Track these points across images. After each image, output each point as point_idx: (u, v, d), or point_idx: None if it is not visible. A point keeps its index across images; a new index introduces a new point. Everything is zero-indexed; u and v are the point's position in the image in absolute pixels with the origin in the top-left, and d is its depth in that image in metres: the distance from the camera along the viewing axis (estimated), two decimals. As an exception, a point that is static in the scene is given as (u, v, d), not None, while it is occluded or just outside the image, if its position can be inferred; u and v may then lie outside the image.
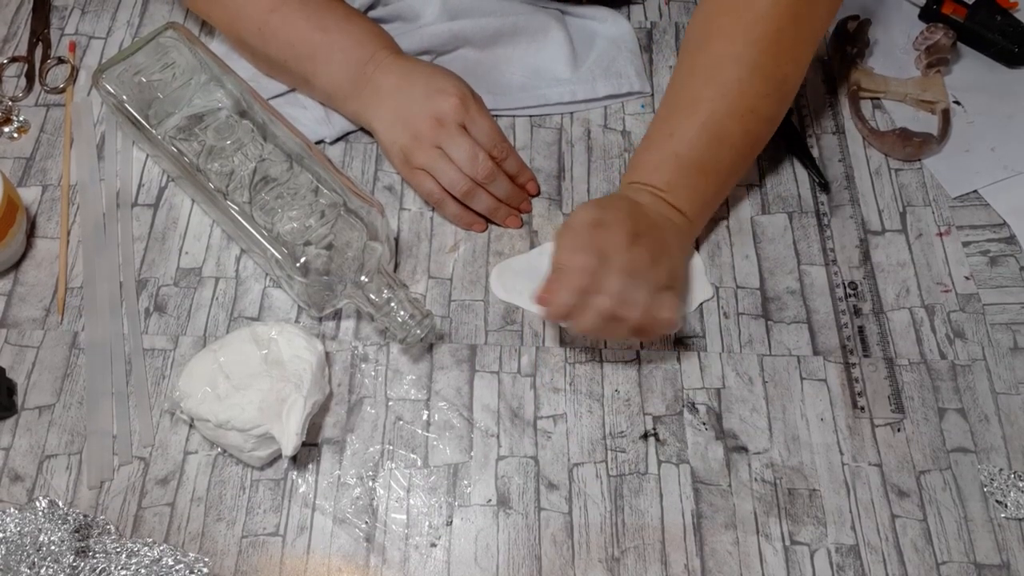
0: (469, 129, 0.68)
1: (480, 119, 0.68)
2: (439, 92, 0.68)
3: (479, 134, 0.68)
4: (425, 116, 0.67)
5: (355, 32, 0.71)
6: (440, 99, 0.67)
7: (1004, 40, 0.77)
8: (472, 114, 0.68)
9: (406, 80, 0.69)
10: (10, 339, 0.66)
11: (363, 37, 0.71)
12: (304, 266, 0.60)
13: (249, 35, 0.72)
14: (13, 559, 0.53)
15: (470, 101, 0.68)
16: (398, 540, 0.58)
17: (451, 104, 0.67)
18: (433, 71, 0.70)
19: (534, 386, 0.64)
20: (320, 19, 0.70)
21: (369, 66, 0.70)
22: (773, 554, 0.57)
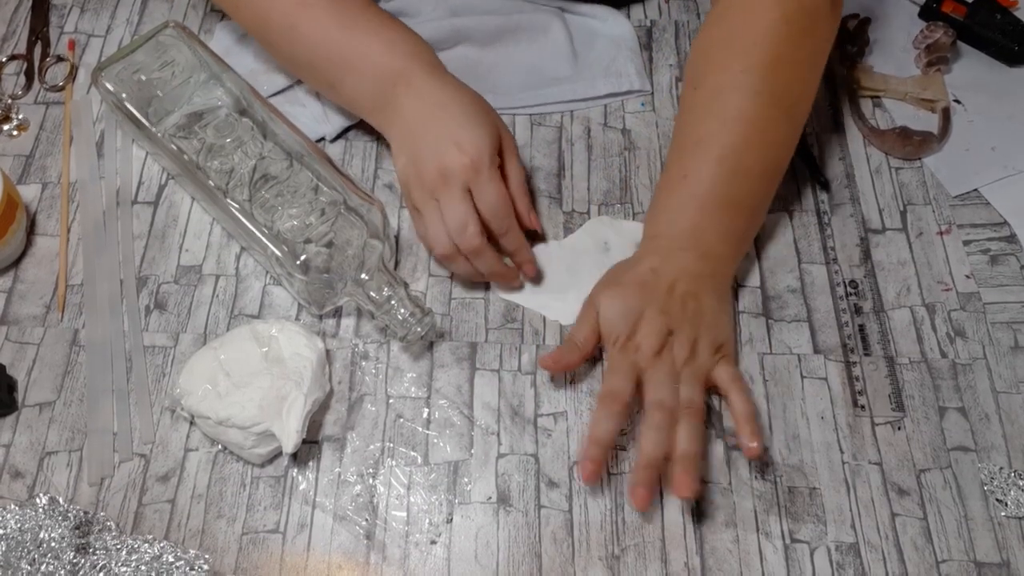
0: (474, 193, 0.62)
1: (488, 187, 0.62)
2: (454, 145, 0.61)
3: (482, 202, 0.62)
4: (432, 165, 0.62)
5: (387, 39, 0.65)
6: (452, 153, 0.61)
7: (1004, 39, 0.77)
8: (481, 179, 0.61)
9: (429, 115, 0.63)
10: (10, 336, 0.66)
11: (396, 46, 0.65)
12: (304, 264, 0.60)
13: (276, 32, 0.68)
14: (13, 556, 0.53)
15: (484, 164, 0.61)
16: (398, 537, 0.58)
17: (460, 164, 0.61)
18: (460, 112, 0.63)
19: (534, 384, 0.64)
20: (351, 21, 0.66)
21: (399, 84, 0.64)
22: (773, 552, 0.57)
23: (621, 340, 0.60)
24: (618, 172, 0.74)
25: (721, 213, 0.63)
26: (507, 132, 0.66)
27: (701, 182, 0.63)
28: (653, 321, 0.60)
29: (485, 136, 0.62)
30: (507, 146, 0.65)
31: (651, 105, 0.77)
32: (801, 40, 0.63)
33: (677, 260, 0.62)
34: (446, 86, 0.64)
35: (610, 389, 0.59)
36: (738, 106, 0.62)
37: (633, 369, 0.59)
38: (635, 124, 0.76)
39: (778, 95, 0.63)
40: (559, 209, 0.71)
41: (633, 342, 0.60)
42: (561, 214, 0.71)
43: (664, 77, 0.79)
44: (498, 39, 0.79)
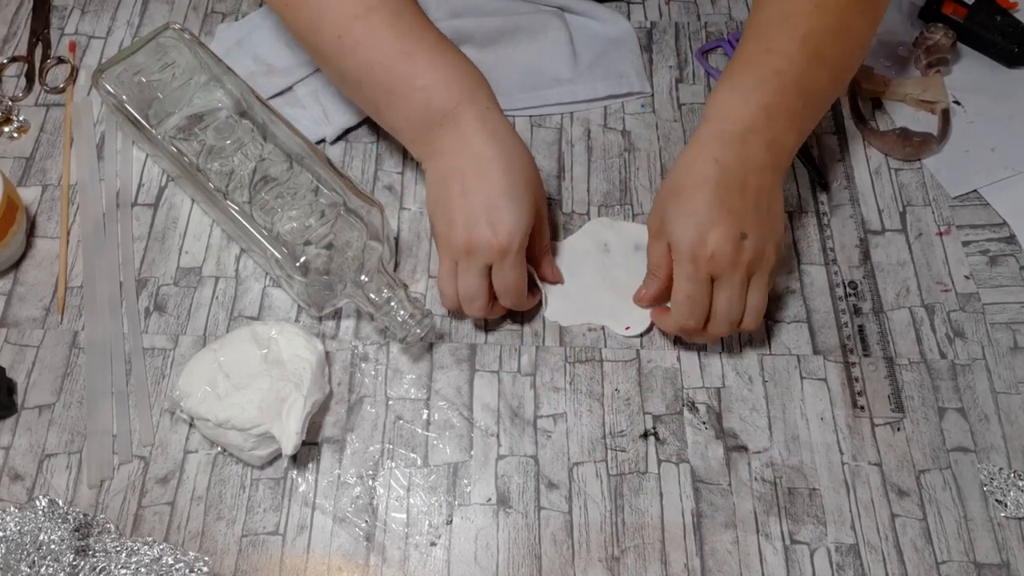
0: (493, 273, 0.61)
1: (509, 272, 0.60)
2: (488, 223, 0.59)
3: (498, 282, 0.61)
4: (462, 234, 0.60)
5: (444, 72, 0.62)
6: (483, 231, 0.59)
7: (1004, 40, 0.77)
8: (505, 264, 0.60)
9: (471, 173, 0.60)
10: (10, 338, 0.66)
11: (451, 81, 0.62)
12: (304, 265, 0.60)
13: (325, 42, 0.63)
14: (13, 558, 0.53)
15: (512, 250, 0.59)
16: (398, 539, 0.58)
17: (487, 244, 0.59)
18: (502, 179, 0.60)
19: (534, 385, 0.64)
20: (409, 43, 0.62)
21: (446, 123, 0.61)
22: (773, 553, 0.57)
23: (693, 250, 0.57)
24: (618, 174, 0.74)
25: (796, 97, 0.60)
26: (542, 193, 0.64)
27: (785, 57, 0.59)
28: (727, 226, 0.57)
29: (521, 216, 0.60)
30: (541, 212, 0.63)
31: (651, 107, 0.77)
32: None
33: (744, 149, 0.58)
34: (494, 137, 0.61)
35: (688, 296, 0.59)
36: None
37: (709, 279, 0.58)
38: (635, 126, 0.76)
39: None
40: (559, 211, 0.72)
41: (706, 249, 0.57)
42: (561, 215, 0.71)
43: (664, 79, 0.79)
44: (498, 40, 0.79)
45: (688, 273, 0.58)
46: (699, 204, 0.58)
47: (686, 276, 0.59)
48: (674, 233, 0.58)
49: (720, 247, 0.57)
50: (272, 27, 0.79)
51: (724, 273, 0.58)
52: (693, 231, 0.57)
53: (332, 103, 0.75)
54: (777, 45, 0.60)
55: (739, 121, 0.59)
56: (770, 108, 0.59)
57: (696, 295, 0.59)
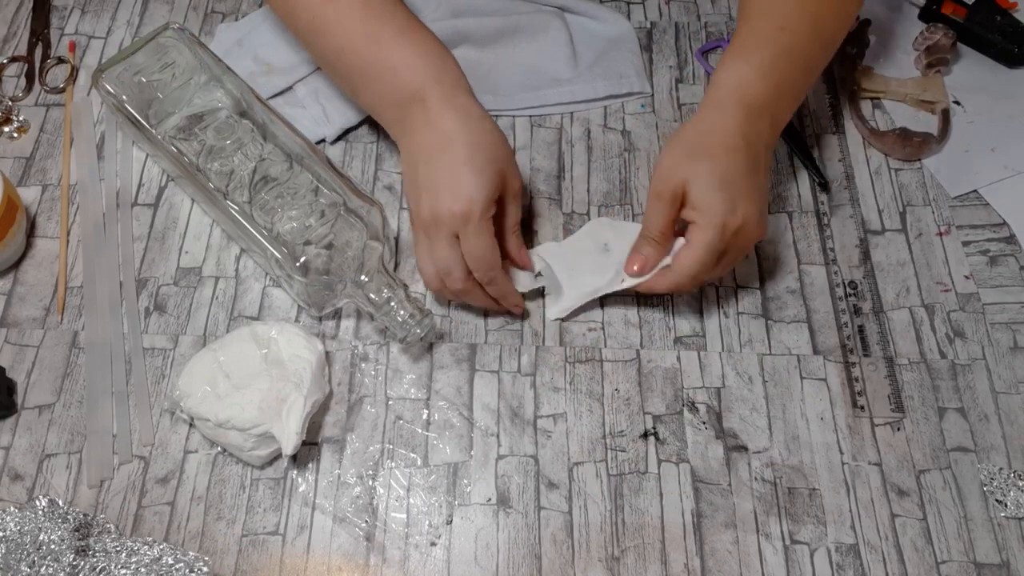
0: (461, 242, 0.60)
1: (474, 239, 0.59)
2: (449, 191, 0.59)
3: (467, 253, 0.60)
4: (427, 206, 0.60)
5: (409, 53, 0.62)
6: (444, 199, 0.59)
7: (1004, 40, 0.77)
8: (469, 230, 0.59)
9: (435, 148, 0.60)
10: (10, 338, 0.66)
11: (418, 60, 0.62)
12: (304, 265, 0.60)
13: (301, 26, 0.66)
14: (13, 558, 0.53)
15: (474, 216, 0.59)
16: (398, 539, 0.58)
17: (449, 212, 0.59)
18: (465, 152, 0.60)
19: (534, 385, 0.64)
20: (376, 25, 0.63)
21: (414, 103, 0.61)
22: (773, 553, 0.57)
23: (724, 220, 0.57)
24: (618, 173, 0.74)
25: (801, 78, 0.62)
26: (512, 169, 0.63)
27: (795, 37, 0.60)
28: (754, 202, 0.58)
29: (483, 184, 0.59)
30: (509, 187, 0.62)
31: (651, 107, 0.77)
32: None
33: (760, 126, 0.59)
34: (459, 114, 0.61)
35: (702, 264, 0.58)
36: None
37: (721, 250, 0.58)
38: (635, 125, 0.76)
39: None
40: (559, 210, 0.72)
41: (736, 221, 0.57)
42: (561, 215, 0.71)
43: (664, 79, 0.79)
44: (499, 40, 0.79)
45: (710, 242, 0.57)
46: (733, 174, 0.58)
47: (706, 245, 0.57)
48: (701, 195, 0.57)
49: (748, 221, 0.58)
50: (272, 27, 0.79)
51: (738, 245, 0.58)
52: (727, 200, 0.57)
53: (332, 103, 0.75)
54: (789, 24, 0.61)
55: (757, 97, 0.60)
56: (781, 87, 0.60)
57: (709, 264, 0.58)
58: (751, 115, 0.59)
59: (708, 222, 0.57)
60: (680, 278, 0.60)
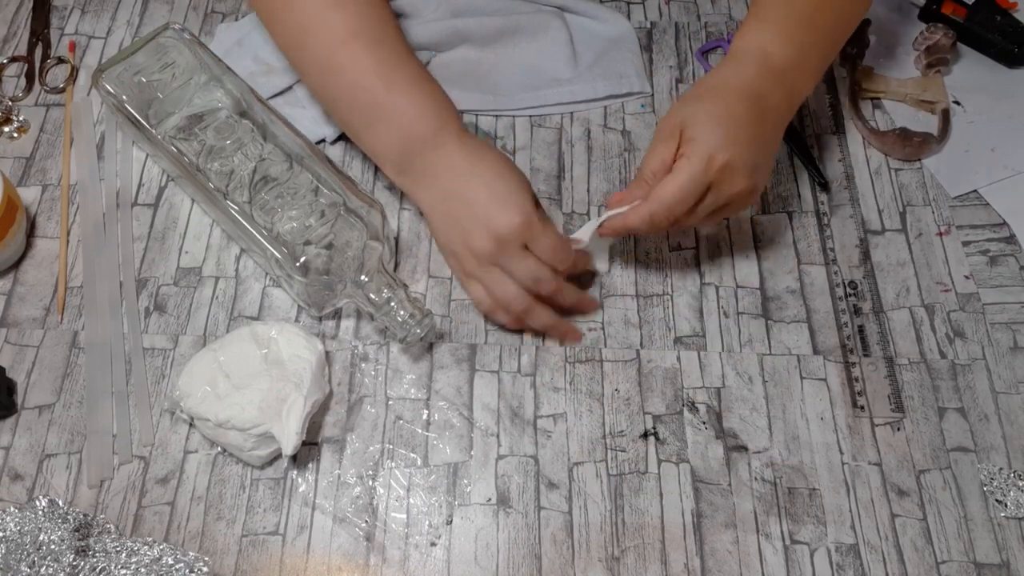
0: (531, 247, 0.61)
1: (544, 237, 0.60)
2: (501, 205, 0.60)
3: (543, 252, 0.61)
4: (484, 232, 0.60)
5: (421, 101, 0.63)
6: (502, 215, 0.60)
7: (1004, 40, 0.77)
8: (536, 232, 0.60)
9: (466, 180, 0.61)
10: (10, 338, 0.66)
11: (428, 109, 0.63)
12: (304, 265, 0.60)
13: (310, 62, 0.65)
14: (13, 558, 0.53)
15: (534, 219, 0.60)
16: (398, 539, 0.58)
17: (513, 224, 0.59)
18: (495, 175, 0.61)
19: (534, 385, 0.64)
20: (389, 71, 0.63)
21: (427, 147, 0.62)
22: (773, 553, 0.57)
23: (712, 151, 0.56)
24: (618, 173, 0.74)
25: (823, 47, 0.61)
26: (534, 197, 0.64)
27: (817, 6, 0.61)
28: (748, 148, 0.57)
29: (525, 192, 0.61)
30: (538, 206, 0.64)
31: (651, 107, 0.77)
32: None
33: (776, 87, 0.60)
34: (476, 150, 0.63)
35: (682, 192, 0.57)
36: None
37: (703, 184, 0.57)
38: (635, 125, 0.76)
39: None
40: (559, 210, 0.72)
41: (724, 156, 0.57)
42: (561, 215, 0.71)
43: (664, 79, 0.79)
44: (498, 40, 0.79)
45: (694, 171, 0.57)
46: (733, 116, 0.58)
47: (688, 172, 0.57)
48: (696, 129, 0.57)
49: (737, 163, 0.57)
50: (272, 27, 0.79)
51: (722, 187, 0.58)
52: (720, 136, 0.57)
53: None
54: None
55: (778, 59, 0.60)
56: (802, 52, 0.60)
57: (689, 195, 0.57)
58: (768, 74, 0.59)
59: (694, 151, 0.57)
60: (656, 205, 0.58)
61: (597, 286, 0.68)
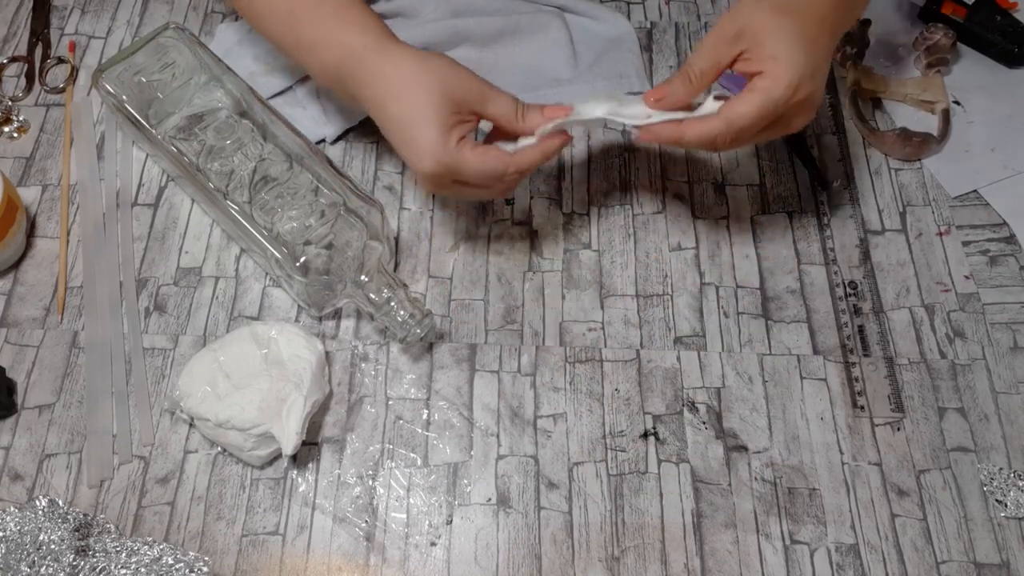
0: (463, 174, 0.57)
1: (468, 171, 0.57)
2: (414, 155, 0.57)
3: (474, 183, 0.58)
4: (412, 168, 0.58)
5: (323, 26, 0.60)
6: (416, 163, 0.57)
7: (1004, 40, 0.77)
8: (456, 168, 0.56)
9: (378, 117, 0.59)
10: (10, 338, 0.66)
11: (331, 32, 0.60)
12: (304, 265, 0.60)
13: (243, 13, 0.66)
14: (13, 558, 0.53)
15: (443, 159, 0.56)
16: (398, 539, 0.58)
17: (426, 172, 0.57)
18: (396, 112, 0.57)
19: (534, 385, 0.64)
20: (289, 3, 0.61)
21: (347, 81, 0.60)
22: (773, 553, 0.57)
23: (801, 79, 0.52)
24: (618, 174, 0.73)
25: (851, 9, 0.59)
26: (466, 76, 0.58)
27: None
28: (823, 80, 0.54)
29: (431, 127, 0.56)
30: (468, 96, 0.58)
31: (651, 106, 0.77)
32: None
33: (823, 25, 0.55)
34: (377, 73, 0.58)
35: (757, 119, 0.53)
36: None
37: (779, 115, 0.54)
38: (635, 125, 0.76)
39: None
40: (559, 210, 0.71)
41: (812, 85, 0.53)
42: (561, 215, 0.71)
43: (664, 79, 0.79)
44: (498, 40, 0.79)
45: (777, 97, 0.52)
46: (816, 44, 0.53)
47: (772, 99, 0.52)
48: (782, 47, 0.52)
49: (814, 96, 0.54)
50: (272, 27, 0.79)
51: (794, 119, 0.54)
52: (809, 63, 0.52)
53: (332, 103, 0.75)
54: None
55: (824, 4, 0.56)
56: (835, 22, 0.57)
57: (763, 120, 0.53)
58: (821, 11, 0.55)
59: (784, 73, 0.52)
60: (725, 124, 0.53)
61: (597, 286, 0.68)
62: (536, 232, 0.70)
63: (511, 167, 0.58)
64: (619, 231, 0.70)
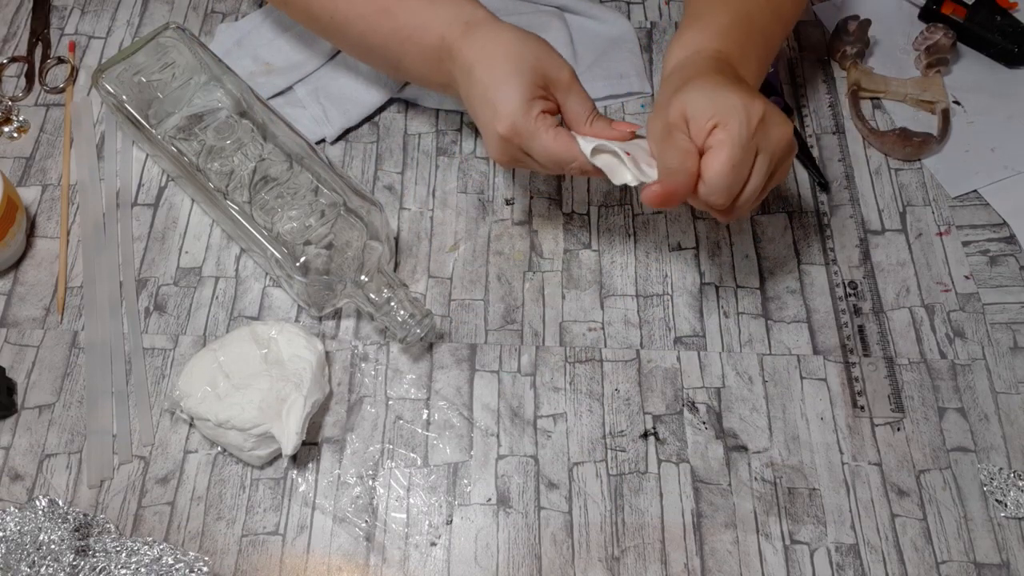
0: (528, 152, 0.59)
1: (535, 144, 0.57)
2: (491, 116, 0.58)
3: (538, 158, 0.59)
4: (490, 140, 0.59)
5: (422, 11, 0.61)
6: (491, 127, 0.58)
7: (1004, 40, 0.77)
8: (524, 139, 0.57)
9: (465, 87, 0.60)
10: (10, 338, 0.66)
11: (429, 17, 0.61)
12: (304, 265, 0.60)
13: (324, 26, 0.66)
14: (13, 558, 0.53)
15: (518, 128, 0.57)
16: (398, 539, 0.58)
17: (499, 135, 0.58)
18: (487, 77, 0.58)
19: (534, 385, 0.64)
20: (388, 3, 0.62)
21: (445, 60, 0.61)
22: (773, 553, 0.57)
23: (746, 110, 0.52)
24: (618, 173, 0.73)
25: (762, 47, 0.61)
26: (550, 62, 0.59)
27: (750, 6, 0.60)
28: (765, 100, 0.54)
29: (512, 93, 0.57)
30: (553, 79, 0.59)
31: (651, 107, 0.77)
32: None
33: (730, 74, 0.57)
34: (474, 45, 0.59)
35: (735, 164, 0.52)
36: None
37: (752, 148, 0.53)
38: (635, 125, 0.76)
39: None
40: (559, 210, 0.71)
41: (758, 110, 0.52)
42: (561, 215, 0.71)
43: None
44: (498, 41, 0.79)
45: (737, 137, 0.51)
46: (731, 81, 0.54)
47: (734, 141, 0.51)
48: (717, 100, 0.52)
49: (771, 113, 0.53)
50: (272, 27, 0.79)
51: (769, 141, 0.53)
52: (742, 96, 0.52)
53: (332, 103, 0.75)
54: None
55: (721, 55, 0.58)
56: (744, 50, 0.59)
57: (742, 164, 0.52)
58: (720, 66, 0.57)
59: (726, 119, 0.52)
60: (712, 187, 0.53)
61: (597, 286, 0.68)
62: (536, 232, 0.70)
63: (576, 162, 0.58)
64: (619, 231, 0.70)
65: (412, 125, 0.76)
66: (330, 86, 0.76)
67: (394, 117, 0.76)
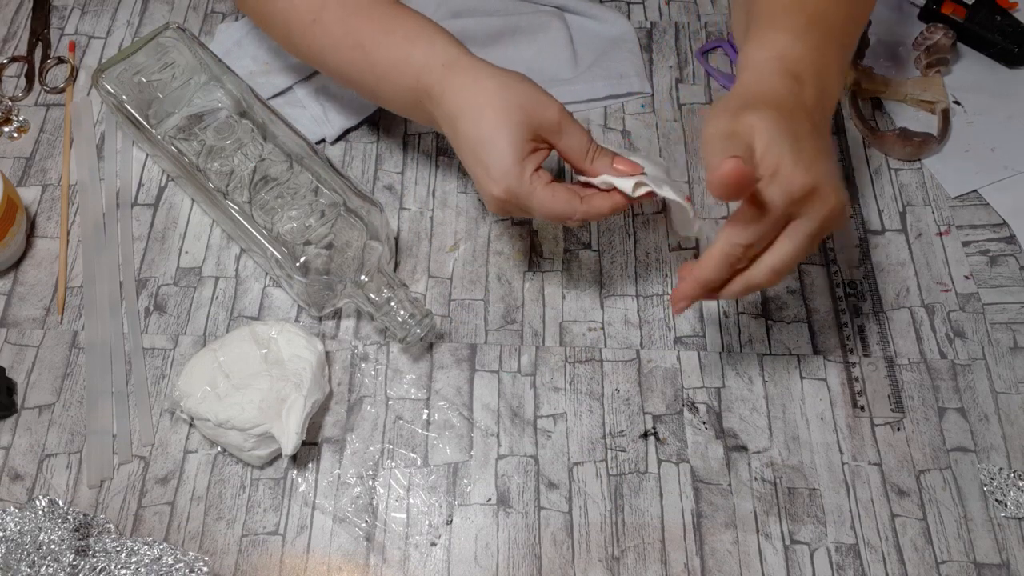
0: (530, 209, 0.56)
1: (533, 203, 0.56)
2: (482, 177, 0.56)
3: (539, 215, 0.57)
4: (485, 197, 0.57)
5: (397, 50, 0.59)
6: (484, 188, 0.56)
7: (1004, 40, 0.77)
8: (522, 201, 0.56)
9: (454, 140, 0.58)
10: (10, 338, 0.66)
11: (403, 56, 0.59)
12: (304, 265, 0.60)
13: (304, 50, 0.65)
14: (13, 558, 0.53)
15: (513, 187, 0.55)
16: (398, 539, 0.58)
17: (493, 199, 0.56)
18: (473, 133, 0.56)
19: (534, 385, 0.64)
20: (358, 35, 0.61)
21: (424, 101, 0.59)
22: (773, 553, 0.57)
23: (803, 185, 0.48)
24: (618, 173, 0.73)
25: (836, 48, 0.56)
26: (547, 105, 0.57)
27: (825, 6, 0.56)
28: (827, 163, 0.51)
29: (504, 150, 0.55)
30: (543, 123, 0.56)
31: (651, 107, 0.77)
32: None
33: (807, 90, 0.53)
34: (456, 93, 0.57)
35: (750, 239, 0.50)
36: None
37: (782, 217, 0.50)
38: (635, 125, 0.76)
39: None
40: (559, 210, 0.71)
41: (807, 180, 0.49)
42: (561, 215, 0.71)
43: (664, 79, 0.79)
44: (498, 40, 0.79)
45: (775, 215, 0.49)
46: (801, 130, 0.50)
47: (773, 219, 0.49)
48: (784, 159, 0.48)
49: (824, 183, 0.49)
50: (272, 27, 0.79)
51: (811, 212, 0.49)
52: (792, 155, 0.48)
53: (332, 103, 0.75)
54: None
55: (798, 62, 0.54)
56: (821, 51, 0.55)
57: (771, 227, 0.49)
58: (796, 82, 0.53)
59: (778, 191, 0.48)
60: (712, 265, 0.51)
61: (597, 286, 0.68)
62: (536, 232, 0.70)
63: (578, 213, 0.56)
64: (619, 231, 0.70)
65: (412, 125, 0.76)
66: (330, 86, 0.76)
67: (394, 117, 0.76)
